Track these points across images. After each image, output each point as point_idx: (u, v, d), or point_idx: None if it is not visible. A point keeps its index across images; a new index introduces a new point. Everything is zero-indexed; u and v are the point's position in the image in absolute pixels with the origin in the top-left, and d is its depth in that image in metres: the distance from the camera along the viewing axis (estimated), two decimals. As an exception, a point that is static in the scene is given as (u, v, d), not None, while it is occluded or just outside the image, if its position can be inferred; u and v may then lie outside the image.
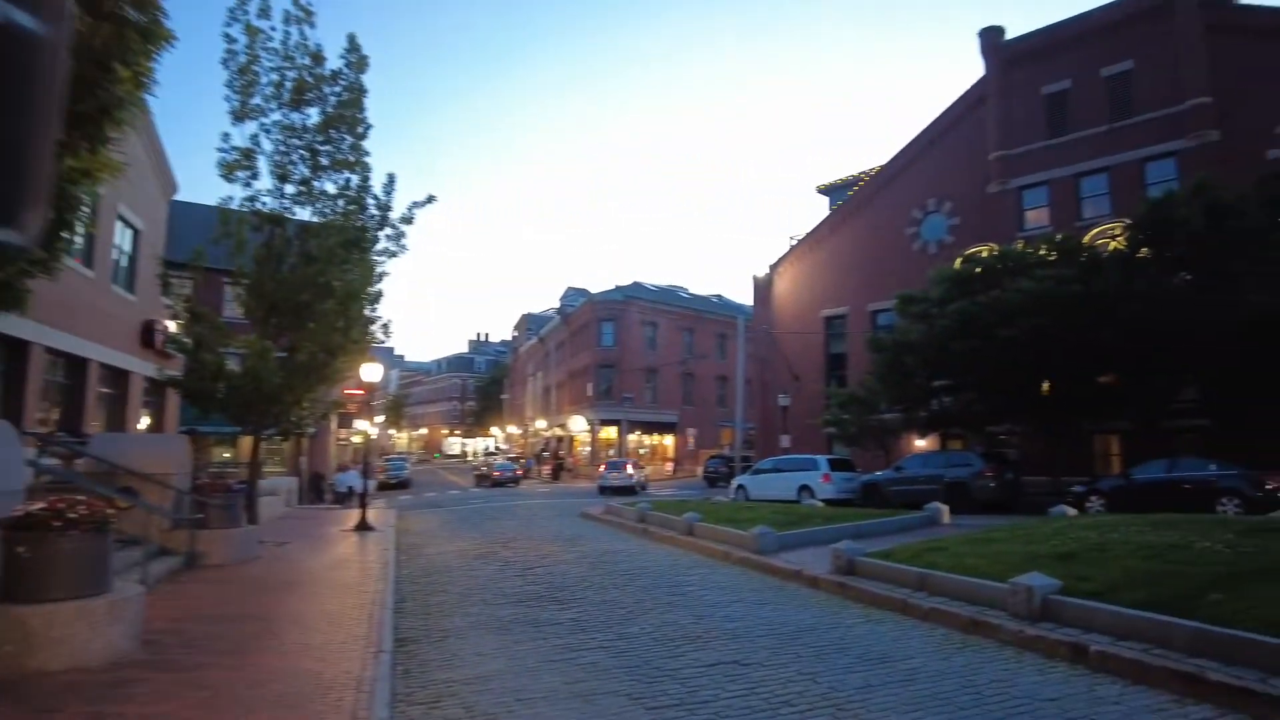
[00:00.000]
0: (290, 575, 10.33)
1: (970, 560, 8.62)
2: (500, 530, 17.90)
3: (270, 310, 13.00)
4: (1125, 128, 25.24)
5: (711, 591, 9.64)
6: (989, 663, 6.24)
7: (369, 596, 8.99)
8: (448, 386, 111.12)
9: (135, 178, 19.00)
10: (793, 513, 15.66)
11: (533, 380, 70.89)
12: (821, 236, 33.79)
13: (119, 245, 18.15)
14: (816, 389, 32.21)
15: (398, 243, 13.61)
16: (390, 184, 13.74)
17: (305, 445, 31.24)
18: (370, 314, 14.04)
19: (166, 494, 10.68)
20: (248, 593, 8.91)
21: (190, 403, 13.16)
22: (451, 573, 11.61)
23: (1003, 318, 18.10)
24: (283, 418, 13.25)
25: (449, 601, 9.32)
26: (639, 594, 9.54)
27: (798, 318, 33.71)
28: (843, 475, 22.98)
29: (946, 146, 30.15)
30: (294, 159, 13.75)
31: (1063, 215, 26.11)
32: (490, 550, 14.27)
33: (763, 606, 8.71)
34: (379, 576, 10.46)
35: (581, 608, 8.77)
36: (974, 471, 19.33)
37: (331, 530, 17.57)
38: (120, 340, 17.84)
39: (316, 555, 12.70)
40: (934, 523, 15.10)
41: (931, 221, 30.18)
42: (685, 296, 58.02)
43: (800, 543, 12.68)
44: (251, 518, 12.88)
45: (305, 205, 13.80)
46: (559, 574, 11.19)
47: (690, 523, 14.59)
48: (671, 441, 51.88)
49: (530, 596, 9.51)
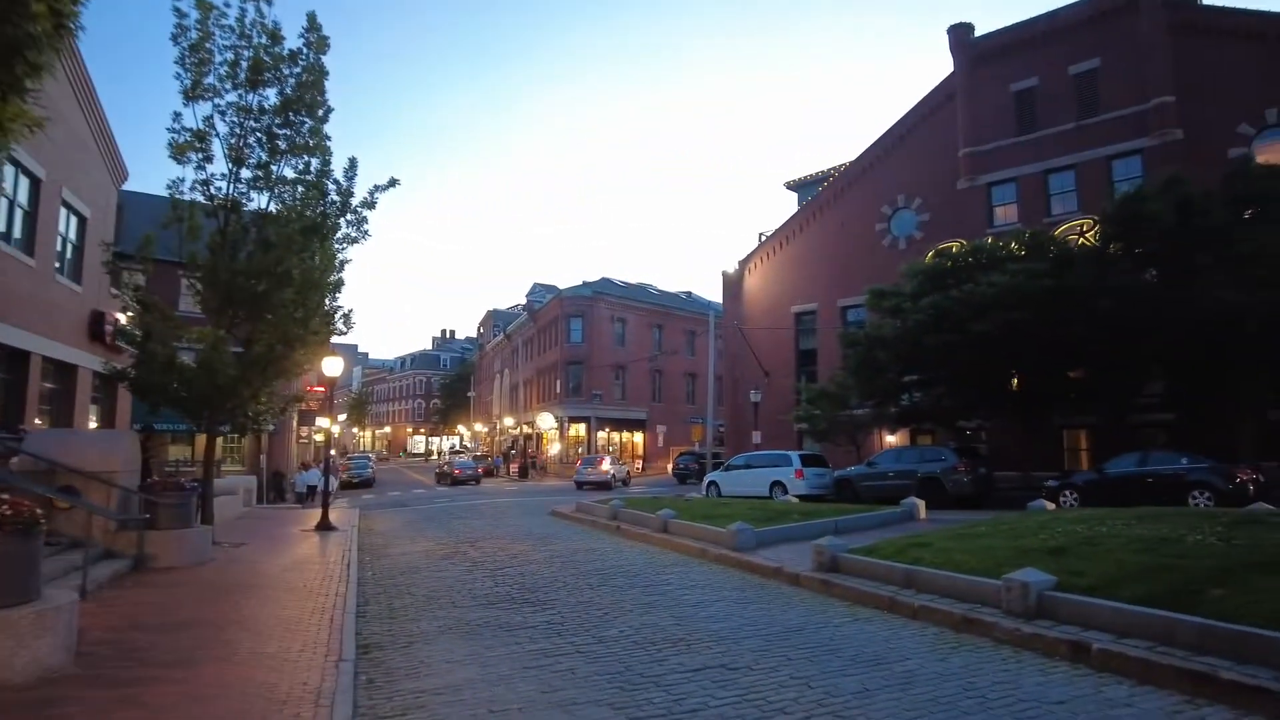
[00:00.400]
0: (246, 578, 9.76)
1: (958, 556, 8.38)
2: (467, 529, 17.39)
3: (225, 300, 12.35)
4: (1092, 125, 25.46)
5: (691, 591, 9.30)
6: (987, 663, 5.97)
7: (329, 600, 8.48)
8: (412, 384, 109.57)
9: (82, 162, 18.13)
10: (768, 509, 15.39)
11: (500, 377, 70.07)
12: (791, 232, 33.68)
13: (64, 233, 17.25)
14: (787, 385, 32.11)
15: (360, 229, 13.03)
16: (352, 168, 13.14)
17: (265, 443, 30.33)
18: (331, 304, 13.44)
19: (112, 493, 10.06)
20: (199, 597, 8.35)
21: (140, 397, 12.45)
22: (417, 574, 11.11)
23: (975, 312, 18.04)
24: (238, 413, 12.60)
25: (415, 604, 8.84)
26: (615, 594, 9.16)
27: (768, 313, 33.57)
28: (815, 471, 22.83)
29: (916, 143, 30.20)
30: (250, 142, 13.11)
31: (1031, 211, 26.27)
32: (457, 550, 13.78)
33: (746, 606, 8.38)
34: (340, 578, 9.94)
35: (556, 610, 8.36)
36: (947, 467, 19.27)
37: (291, 530, 16.91)
38: (66, 333, 16.95)
39: (275, 556, 12.10)
40: (911, 518, 14.94)
41: (901, 217, 30.21)
42: (654, 293, 57.71)
43: (778, 539, 12.41)
44: (205, 518, 12.24)
45: (262, 191, 13.17)
46: (530, 574, 10.76)
47: (665, 520, 14.24)
48: (641, 439, 51.54)
49: (501, 598, 9.07)
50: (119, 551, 9.97)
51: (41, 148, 15.46)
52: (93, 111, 18.56)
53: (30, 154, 14.88)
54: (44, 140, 15.75)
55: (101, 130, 19.24)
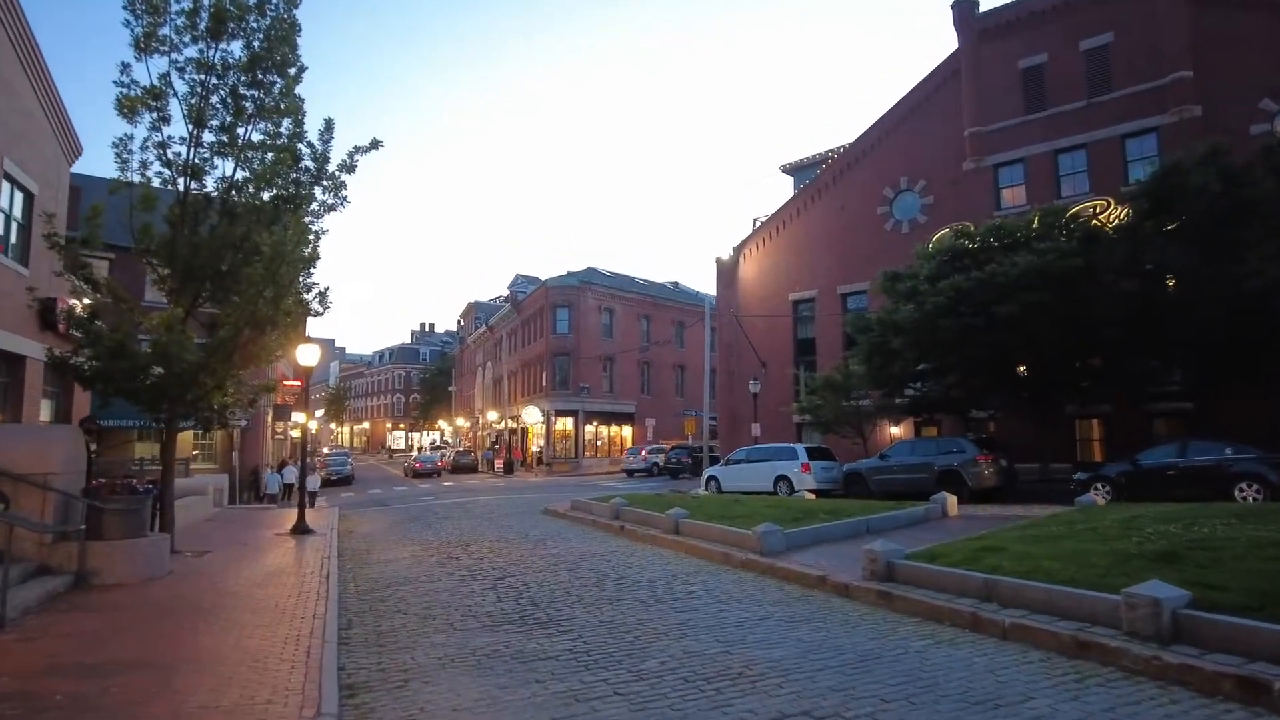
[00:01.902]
0: (206, 596, 8.37)
1: (1046, 563, 7.19)
2: (457, 531, 16.04)
3: (186, 278, 10.90)
4: (1105, 103, 24.45)
5: (727, 605, 8.04)
6: (1136, 704, 4.77)
7: (306, 624, 7.13)
8: (391, 378, 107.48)
9: (27, 132, 16.45)
10: (787, 507, 14.18)
11: (482, 371, 68.45)
12: (788, 217, 32.47)
13: (5, 209, 15.62)
14: (784, 376, 30.98)
15: (338, 195, 11.58)
16: (328, 130, 11.65)
17: (238, 439, 28.73)
18: (305, 281, 11.98)
19: (48, 499, 8.62)
20: (145, 624, 6.96)
21: (85, 387, 10.97)
22: (406, 586, 9.78)
23: (999, 294, 16.92)
24: (202, 406, 11.15)
25: (407, 626, 7.51)
26: (641, 611, 7.88)
27: (764, 301, 32.38)
28: (822, 465, 21.68)
29: (919, 123, 29.07)
30: (214, 102, 11.64)
31: (1040, 193, 25.21)
32: (449, 556, 12.44)
33: (797, 625, 7.14)
34: (318, 595, 8.58)
35: (576, 632, 7.07)
36: (967, 459, 18.16)
37: (264, 534, 15.46)
38: (10, 320, 15.29)
39: (243, 566, 10.69)
40: (943, 515, 13.82)
41: (903, 200, 29.11)
42: (641, 283, 56.33)
43: (808, 541, 11.21)
44: (163, 524, 10.81)
45: (227, 157, 11.70)
46: (536, 585, 9.46)
47: (676, 520, 12.99)
48: (629, 432, 50.22)
49: (508, 617, 7.77)
50: (56, 567, 8.55)
51: (-25, 111, 13.89)
52: (39, 77, 16.89)
53: (-39, 117, 13.30)
54: (-23, 102, 14.18)
55: (50, 99, 17.55)
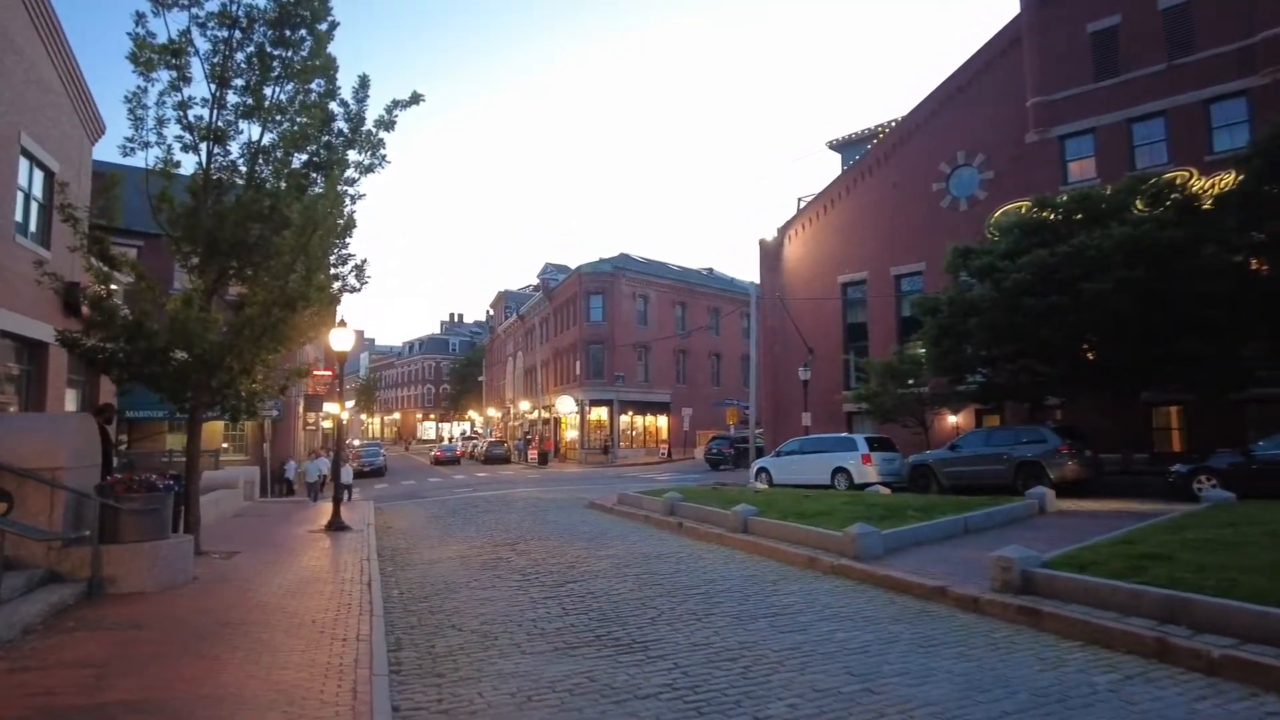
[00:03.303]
0: (234, 609, 7.31)
1: (1244, 578, 5.86)
2: (501, 526, 15.00)
3: (209, 252, 9.85)
4: (1186, 65, 22.62)
5: (839, 624, 6.81)
6: None
7: (348, 648, 6.02)
8: (421, 369, 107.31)
9: (47, 108, 15.58)
10: (869, 503, 12.91)
11: (513, 360, 67.62)
12: (836, 195, 30.91)
13: (24, 187, 14.75)
14: (833, 362, 29.56)
15: (375, 154, 10.45)
16: (363, 88, 10.51)
17: (269, 430, 27.97)
18: (339, 252, 10.85)
19: (57, 497, 7.62)
20: (163, 648, 5.89)
21: (99, 370, 9.98)
22: (457, 593, 8.68)
23: (1089, 269, 15.42)
24: (228, 392, 10.11)
25: (466, 648, 6.39)
26: (737, 630, 6.69)
27: (810, 284, 30.91)
28: (884, 456, 20.33)
29: (977, 94, 27.36)
30: (238, 60, 10.57)
31: (1112, 165, 23.45)
32: (497, 555, 11.36)
33: (936, 650, 5.90)
34: (360, 607, 7.49)
35: (669, 658, 5.89)
36: (1049, 449, 16.69)
37: (297, 531, 14.51)
38: (31, 305, 14.42)
39: (275, 571, 9.66)
40: (1041, 510, 12.46)
41: (961, 176, 27.46)
42: (675, 269, 54.97)
43: (906, 543, 9.94)
44: (187, 523, 9.81)
45: (253, 120, 10.63)
46: (604, 594, 8.31)
47: (745, 518, 11.79)
48: (665, 422, 48.97)
49: (582, 636, 6.62)
50: (67, 574, 7.54)
51: (-12, 78, 12.97)
52: (59, 51, 16.01)
53: (-27, 84, 12.39)
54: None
55: (71, 74, 16.67)
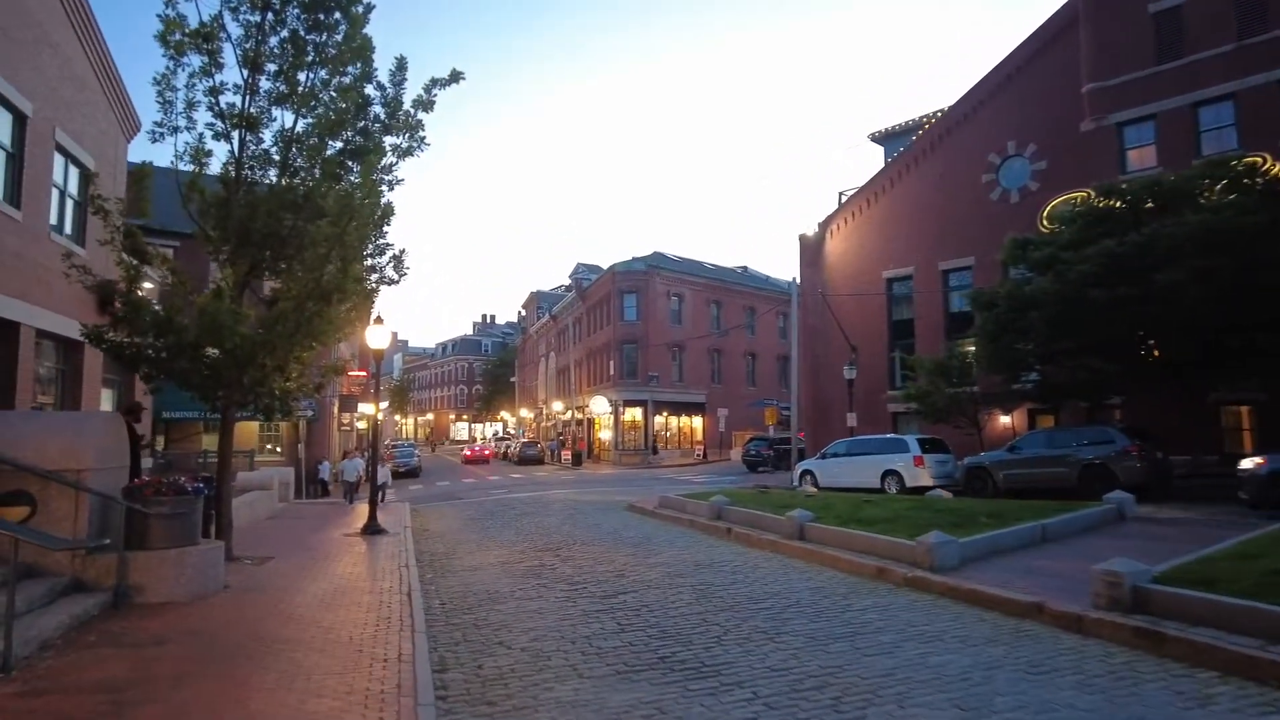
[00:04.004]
0: (265, 622, 6.79)
1: None
2: (541, 529, 14.43)
3: (242, 242, 9.40)
4: (1258, 45, 21.37)
5: (929, 645, 6.09)
6: None
7: (389, 670, 5.45)
8: (453, 370, 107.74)
9: (81, 104, 15.36)
10: (935, 509, 12.11)
11: (545, 361, 67.33)
12: (880, 189, 29.96)
13: (60, 185, 14.53)
14: (877, 360, 28.61)
15: (414, 137, 9.93)
16: (399, 71, 9.98)
17: (304, 431, 27.80)
18: (376, 241, 10.33)
19: (81, 501, 7.17)
20: (186, 669, 5.36)
21: (125, 367, 9.57)
22: (502, 604, 8.10)
23: (1163, 259, 14.44)
24: (261, 390, 9.65)
25: (517, 669, 5.79)
26: (816, 652, 6.00)
27: (853, 280, 29.98)
28: (936, 458, 19.44)
29: (1029, 81, 26.27)
30: (271, 45, 10.12)
31: (1175, 152, 22.26)
32: (541, 561, 10.78)
33: (1048, 679, 5.16)
34: (401, 621, 6.93)
35: (745, 686, 5.23)
36: (1116, 450, 15.72)
37: (332, 535, 14.08)
38: (68, 303, 14.20)
39: (309, 578, 9.17)
40: (1121, 516, 11.58)
41: (1011, 167, 26.38)
42: (710, 268, 54.17)
43: (983, 553, 9.16)
44: (219, 528, 9.36)
45: (286, 106, 10.17)
46: (660, 608, 7.67)
47: (801, 523, 11.08)
48: (700, 423, 48.20)
49: (643, 657, 5.98)
50: (91, 582, 7.08)
51: (21, 73, 12.71)
52: (93, 45, 15.80)
53: (6, 80, 12.10)
54: (23, 64, 13.03)
55: (105, 69, 16.47)
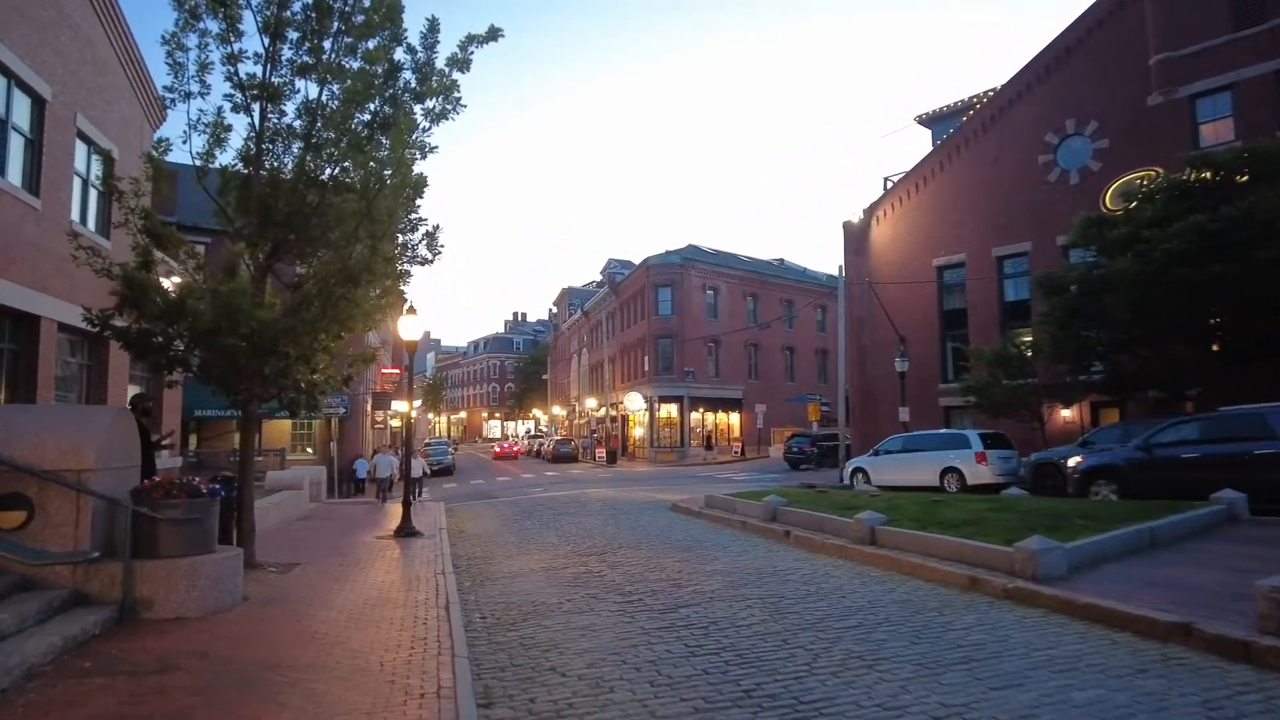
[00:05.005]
0: (285, 644, 5.98)
1: None
2: (583, 531, 13.59)
3: (263, 221, 8.63)
4: (1348, 6, 19.86)
5: (1065, 676, 5.06)
6: None
7: (425, 706, 4.58)
8: (485, 368, 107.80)
9: (104, 89, 14.81)
10: (1019, 510, 11.01)
11: (577, 358, 66.66)
12: (928, 173, 28.66)
13: (83, 173, 13.99)
14: (927, 352, 27.35)
15: (448, 98, 9.07)
16: (431, 33, 9.15)
17: (336, 428, 27.31)
18: (407, 218, 9.48)
19: (84, 504, 6.44)
20: (189, 701, 4.52)
21: (137, 356, 8.85)
22: (549, 619, 7.21)
23: (1262, 234, 13.16)
24: (285, 383, 8.88)
25: (576, 704, 4.88)
26: (928, 682, 5.02)
27: (901, 269, 28.72)
28: (1000, 454, 18.23)
29: (1089, 54, 24.82)
30: (294, 11, 9.36)
31: (1254, 125, 20.74)
32: (586, 568, 9.91)
33: (1242, 731, 4.14)
34: (438, 642, 6.08)
35: (856, 733, 4.28)
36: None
37: (364, 538, 13.35)
38: (93, 296, 13.66)
39: (337, 589, 8.38)
40: (1234, 519, 10.39)
41: (1071, 146, 24.96)
42: (745, 260, 53.00)
43: (1087, 560, 8.07)
44: (240, 533, 8.61)
45: (310, 77, 9.40)
46: (727, 624, 6.73)
47: (871, 527, 10.08)
48: (737, 419, 47.11)
49: (724, 690, 5.04)
50: (94, 594, 6.34)
51: (40, 55, 12.13)
52: (116, 27, 15.26)
53: (23, 60, 11.51)
54: (42, 45, 12.46)
55: (129, 54, 15.95)
